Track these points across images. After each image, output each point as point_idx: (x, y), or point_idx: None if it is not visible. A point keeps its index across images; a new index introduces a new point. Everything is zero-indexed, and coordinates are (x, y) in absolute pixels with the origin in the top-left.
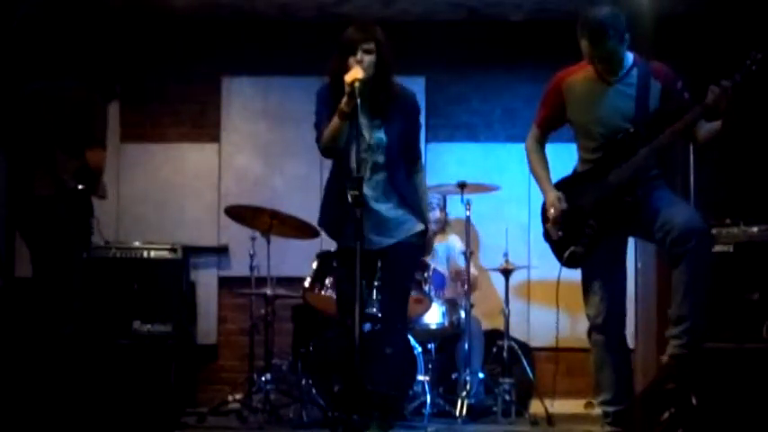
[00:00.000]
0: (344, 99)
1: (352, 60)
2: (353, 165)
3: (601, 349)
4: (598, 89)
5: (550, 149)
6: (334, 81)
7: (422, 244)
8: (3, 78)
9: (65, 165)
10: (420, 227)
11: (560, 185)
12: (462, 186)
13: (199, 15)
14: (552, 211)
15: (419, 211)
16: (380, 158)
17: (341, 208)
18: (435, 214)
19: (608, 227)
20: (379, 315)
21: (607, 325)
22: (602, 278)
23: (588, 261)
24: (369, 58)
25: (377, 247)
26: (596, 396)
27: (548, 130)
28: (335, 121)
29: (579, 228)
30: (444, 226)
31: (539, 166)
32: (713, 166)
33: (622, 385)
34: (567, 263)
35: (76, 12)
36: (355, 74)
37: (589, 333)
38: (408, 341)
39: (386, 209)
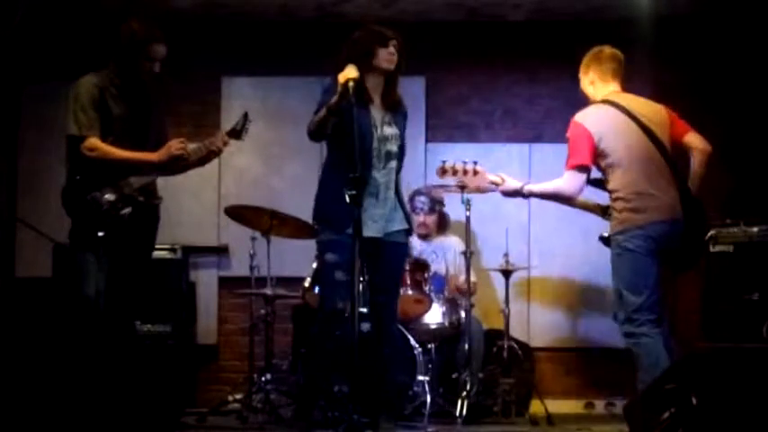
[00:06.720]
0: (335, 98)
1: (381, 50)
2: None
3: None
4: None
5: (551, 149)
6: (360, 66)
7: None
8: (3, 78)
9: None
10: (407, 225)
11: None
12: (462, 187)
13: (199, 15)
14: None
15: (406, 210)
16: (393, 147)
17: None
18: (419, 218)
19: None
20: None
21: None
22: None
23: None
24: (396, 56)
25: (381, 234)
26: None
27: None
28: (323, 113)
29: None
30: (445, 226)
31: None
32: (713, 166)
33: None
34: None
35: (75, 12)
36: (349, 73)
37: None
38: (399, 337)
39: (392, 196)
